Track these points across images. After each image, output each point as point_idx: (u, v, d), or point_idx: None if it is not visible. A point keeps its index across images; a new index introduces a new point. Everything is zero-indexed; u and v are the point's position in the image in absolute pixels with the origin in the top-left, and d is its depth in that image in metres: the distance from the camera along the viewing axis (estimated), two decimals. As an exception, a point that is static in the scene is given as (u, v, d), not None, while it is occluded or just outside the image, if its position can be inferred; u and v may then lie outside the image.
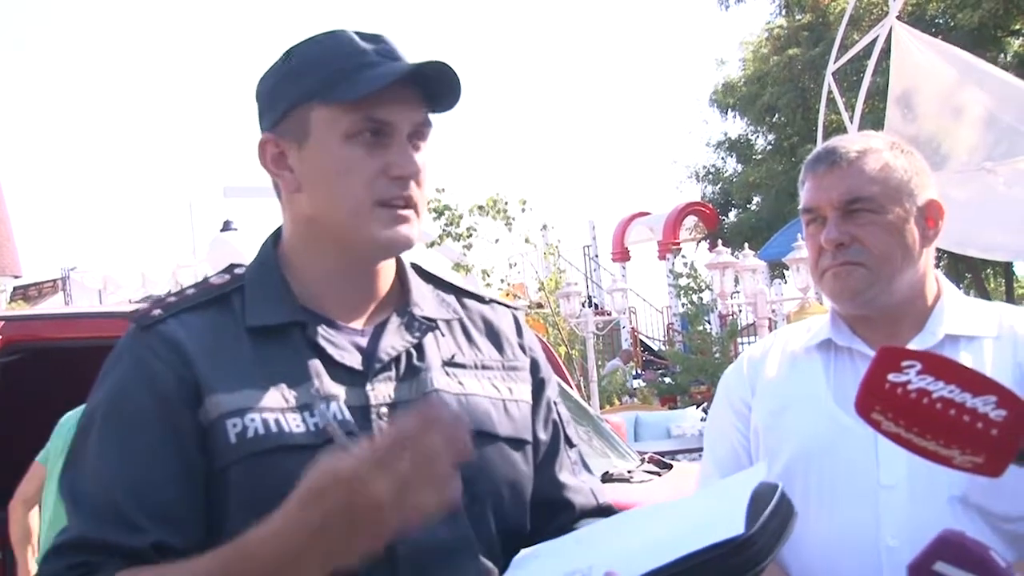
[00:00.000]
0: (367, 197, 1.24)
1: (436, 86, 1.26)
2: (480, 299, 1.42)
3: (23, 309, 16.21)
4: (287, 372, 1.22)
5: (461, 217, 12.64)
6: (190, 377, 1.20)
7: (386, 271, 1.33)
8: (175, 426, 1.19)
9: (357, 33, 1.28)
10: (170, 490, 1.18)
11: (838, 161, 1.57)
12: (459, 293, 1.41)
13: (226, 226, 14.55)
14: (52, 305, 19.83)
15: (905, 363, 1.16)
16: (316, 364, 1.23)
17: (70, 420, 3.42)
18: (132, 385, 1.22)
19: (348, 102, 1.23)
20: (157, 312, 1.26)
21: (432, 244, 13.24)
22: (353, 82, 1.23)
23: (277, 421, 1.19)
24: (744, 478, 1.17)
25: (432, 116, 1.29)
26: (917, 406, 1.15)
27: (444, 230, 12.70)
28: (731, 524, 1.05)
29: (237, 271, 1.32)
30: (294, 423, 1.19)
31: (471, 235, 12.73)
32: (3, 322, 4.02)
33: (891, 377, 1.16)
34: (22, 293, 25.02)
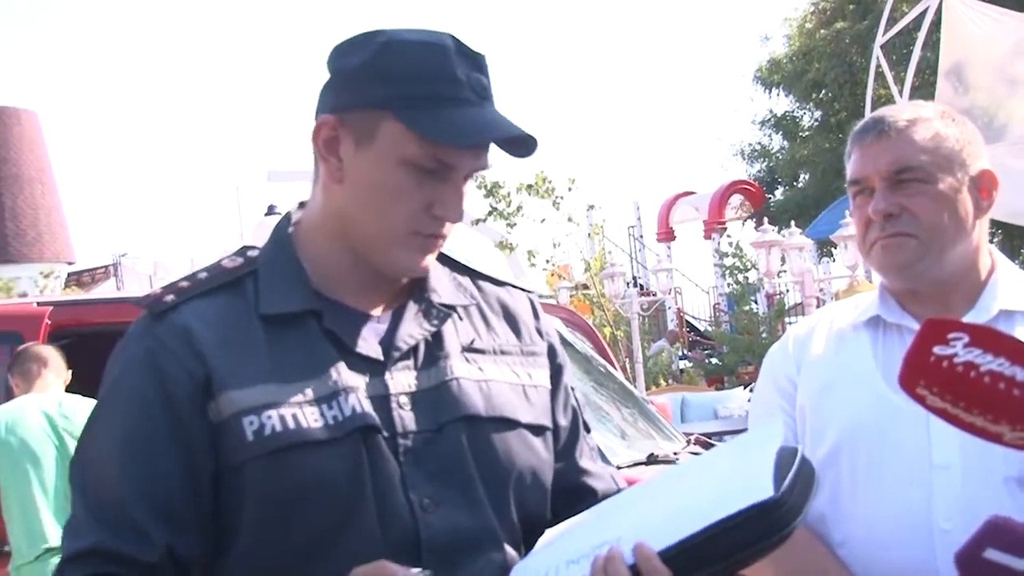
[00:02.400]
0: (403, 225, 1.22)
1: (512, 140, 1.22)
2: (495, 282, 1.40)
3: (76, 294, 16.51)
4: (303, 363, 1.20)
5: (509, 195, 12.58)
6: (201, 373, 1.18)
7: None
8: (182, 427, 1.18)
9: (456, 45, 1.21)
10: (176, 492, 1.17)
11: (886, 130, 1.52)
12: (474, 276, 1.38)
13: (270, 210, 14.69)
14: (104, 291, 20.19)
15: (952, 335, 1.13)
16: (333, 354, 1.21)
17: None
18: (140, 380, 1.20)
19: (422, 136, 1.18)
20: (169, 298, 1.24)
21: (476, 222, 13.23)
22: (439, 121, 1.17)
23: (295, 416, 1.17)
24: (760, 438, 1.15)
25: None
26: (964, 380, 1.12)
27: (492, 208, 12.65)
28: (760, 487, 1.04)
29: (250, 254, 1.29)
30: (312, 418, 1.17)
31: (518, 214, 12.67)
32: (52, 307, 4.09)
33: (937, 350, 1.12)
34: (76, 279, 25.53)
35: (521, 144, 1.22)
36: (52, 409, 3.60)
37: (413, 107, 1.19)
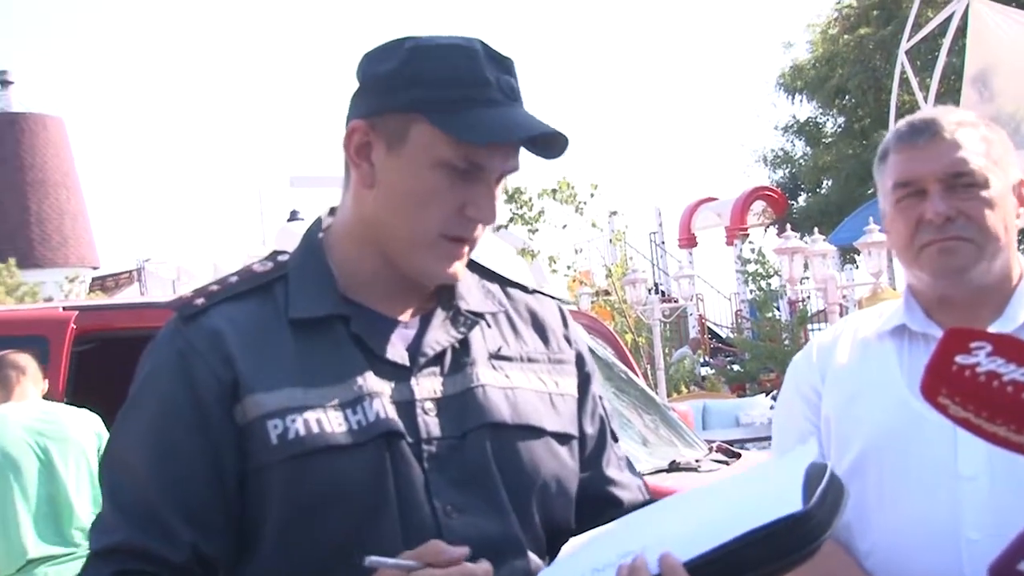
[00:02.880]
0: (435, 228, 1.22)
1: (542, 140, 1.22)
2: (525, 289, 1.39)
3: (101, 299, 16.64)
4: (330, 367, 1.21)
5: (530, 201, 12.57)
6: (229, 376, 1.19)
7: None
8: (209, 429, 1.19)
9: (484, 49, 1.22)
10: (203, 493, 1.18)
11: (940, 132, 1.49)
12: (504, 283, 1.38)
13: (292, 216, 14.78)
14: (128, 295, 20.34)
15: (974, 344, 1.11)
16: (360, 359, 1.22)
17: None
18: (169, 382, 1.21)
19: (454, 136, 1.19)
20: (199, 301, 1.25)
21: (498, 228, 13.23)
22: (470, 121, 1.18)
23: (319, 421, 1.17)
24: (794, 457, 1.14)
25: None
26: (987, 389, 1.10)
27: (514, 213, 12.65)
28: (789, 501, 1.04)
29: (280, 259, 1.30)
30: (336, 422, 1.18)
31: (540, 219, 12.66)
32: (78, 311, 4.12)
33: (959, 359, 1.11)
34: (100, 284, 25.75)
35: (551, 144, 1.23)
36: (33, 418, 3.54)
37: (444, 109, 1.19)
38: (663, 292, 17.61)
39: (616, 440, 1.39)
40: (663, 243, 21.03)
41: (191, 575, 1.17)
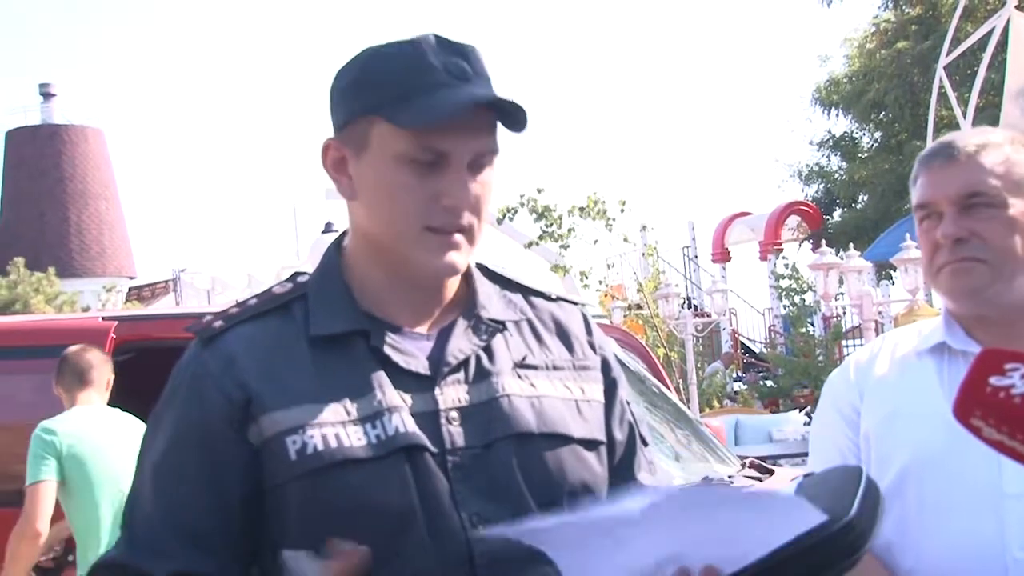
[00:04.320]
0: (416, 222, 1.22)
1: (506, 111, 1.22)
2: (547, 297, 1.39)
3: (137, 309, 16.84)
4: (349, 383, 1.22)
5: (561, 218, 12.60)
6: (241, 397, 1.21)
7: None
8: (214, 450, 1.21)
9: (438, 40, 1.23)
10: (203, 520, 1.20)
11: (955, 155, 1.51)
12: (526, 292, 1.38)
13: (327, 228, 14.87)
14: (164, 305, 20.56)
15: (1008, 366, 1.10)
16: (380, 374, 1.23)
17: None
18: (181, 405, 1.25)
19: (400, 126, 1.20)
20: (218, 324, 1.27)
21: (530, 244, 13.24)
22: (414, 107, 1.19)
23: (337, 436, 1.18)
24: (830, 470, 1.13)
25: (529, 113, 1.24)
26: (1022, 412, 1.09)
27: (544, 231, 12.68)
28: (829, 511, 1.03)
29: (300, 279, 1.32)
30: (355, 436, 1.18)
31: (571, 235, 12.68)
32: (117, 322, 4.18)
33: (993, 380, 1.10)
34: (136, 294, 26.07)
35: (509, 116, 1.22)
36: (103, 424, 3.59)
37: (392, 106, 1.20)
38: (696, 307, 17.53)
39: (646, 444, 1.39)
40: (696, 257, 20.94)
41: None
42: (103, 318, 4.43)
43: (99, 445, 3.52)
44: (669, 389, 5.20)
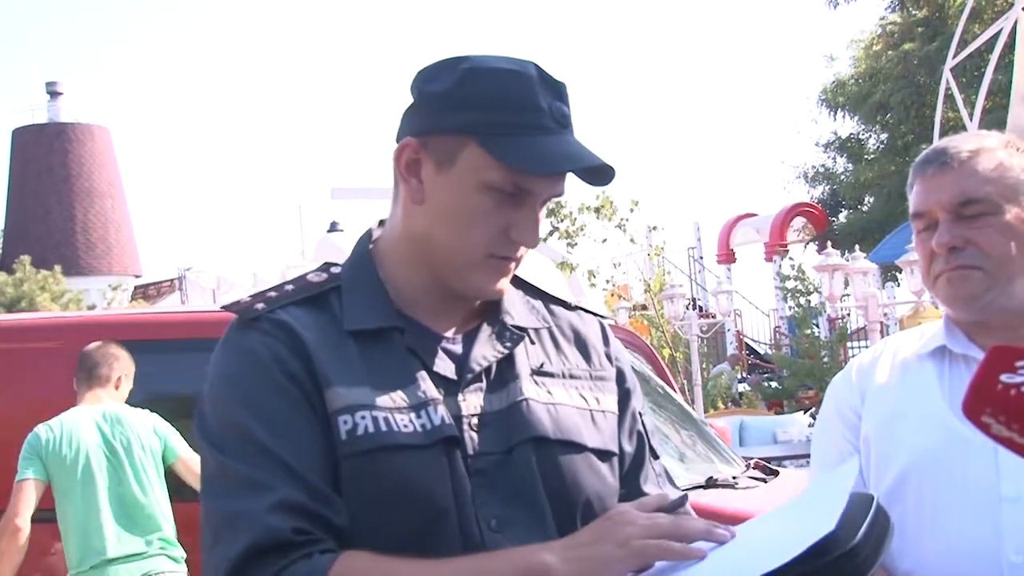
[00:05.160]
0: (482, 248, 1.24)
1: (590, 169, 1.23)
2: (567, 306, 1.40)
3: (143, 307, 16.87)
4: (393, 372, 1.22)
5: (571, 215, 12.58)
6: (308, 366, 1.20)
7: None
8: (312, 405, 1.18)
9: (539, 73, 1.23)
10: (328, 473, 1.17)
11: (948, 162, 1.51)
12: (547, 299, 1.39)
13: (333, 227, 14.88)
14: (169, 304, 20.60)
15: (1019, 363, 1.10)
16: (419, 367, 1.23)
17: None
18: (257, 371, 1.20)
19: (504, 164, 1.20)
20: (260, 306, 1.26)
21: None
22: (521, 149, 1.19)
23: (387, 420, 1.18)
24: (835, 479, 1.13)
25: None
26: None
27: (554, 227, 12.66)
28: (824, 523, 1.03)
29: (333, 270, 1.32)
30: (403, 423, 1.18)
31: (580, 233, 12.67)
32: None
33: (1004, 378, 1.10)
34: (142, 292, 26.11)
35: (598, 173, 1.24)
36: (100, 417, 3.58)
37: (495, 134, 1.20)
38: (701, 307, 17.51)
39: (656, 457, 1.39)
40: (701, 258, 20.94)
41: (343, 543, 1.14)
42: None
43: (87, 445, 3.52)
44: (674, 390, 5.20)
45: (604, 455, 1.29)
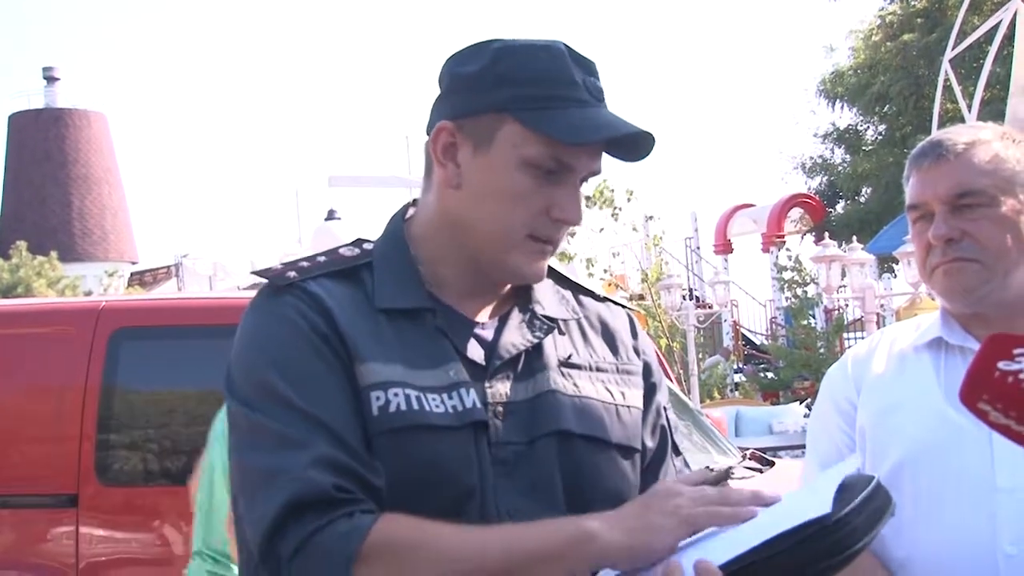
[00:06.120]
0: (523, 229, 1.22)
1: (629, 141, 1.23)
2: (596, 297, 1.39)
3: (139, 293, 16.85)
4: (425, 352, 1.21)
5: None
6: (339, 338, 1.18)
7: None
8: (345, 371, 1.17)
9: (569, 50, 1.23)
10: (363, 439, 1.15)
11: (944, 154, 1.50)
12: (576, 290, 1.38)
13: (330, 215, 14.88)
14: (165, 291, 20.58)
15: (1017, 351, 1.10)
16: (450, 349, 1.22)
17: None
18: (294, 334, 1.18)
19: (545, 135, 1.19)
20: (292, 274, 1.24)
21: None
22: (561, 120, 1.19)
23: (419, 399, 1.17)
24: (836, 472, 1.14)
25: None
26: None
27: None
28: (819, 506, 1.04)
29: (366, 246, 1.30)
30: (434, 403, 1.17)
31: (579, 222, 12.65)
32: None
33: (1001, 365, 1.10)
34: (138, 279, 26.07)
35: (636, 146, 1.23)
36: None
37: (534, 108, 1.19)
38: (698, 298, 17.54)
39: (679, 453, 1.37)
40: (698, 248, 20.94)
41: (380, 504, 1.12)
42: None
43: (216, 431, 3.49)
44: (671, 380, 5.21)
45: (627, 451, 1.28)
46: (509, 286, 1.30)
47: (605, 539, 1.07)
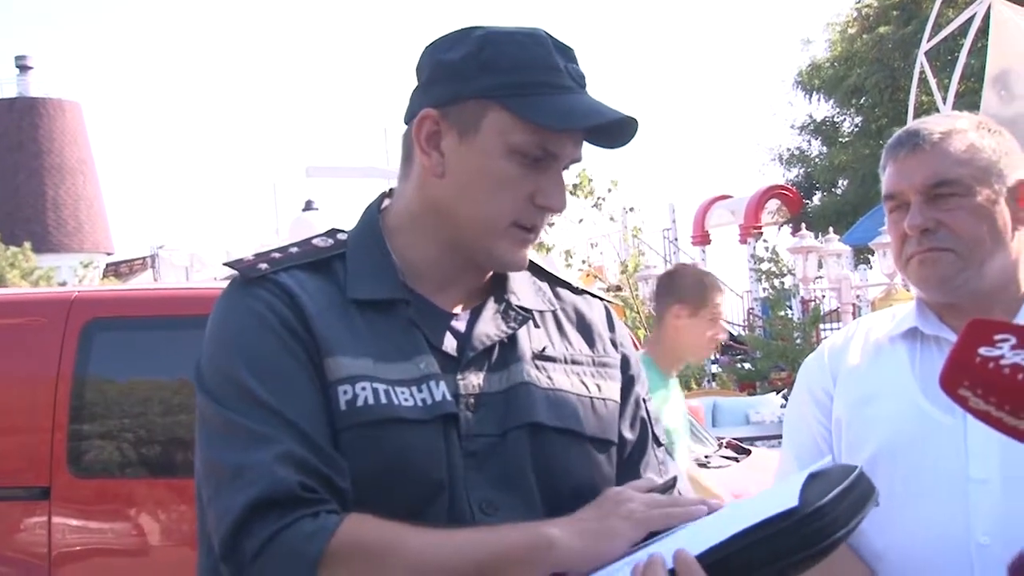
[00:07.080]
0: (508, 216, 1.22)
1: (613, 127, 1.22)
2: (573, 290, 1.38)
3: (115, 284, 16.73)
4: (395, 345, 1.20)
5: None
6: (308, 332, 1.17)
7: None
8: (314, 366, 1.16)
9: (551, 38, 1.23)
10: (330, 437, 1.14)
11: (920, 144, 1.50)
12: (553, 281, 1.37)
13: (307, 206, 14.79)
14: (141, 282, 20.44)
15: (998, 336, 1.09)
16: (421, 342, 1.21)
17: None
18: (261, 329, 1.17)
19: (532, 122, 1.18)
20: (263, 266, 1.23)
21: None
22: (547, 107, 1.18)
23: (388, 392, 1.16)
24: (808, 472, 1.14)
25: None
26: (1011, 383, 1.09)
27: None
28: (789, 500, 1.04)
29: (339, 236, 1.29)
30: (403, 397, 1.16)
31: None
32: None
33: (982, 351, 1.09)
34: (114, 270, 25.88)
35: (619, 134, 1.23)
36: None
37: (520, 95, 1.19)
38: (675, 289, 17.54)
39: (659, 444, 1.36)
40: (676, 240, 21.02)
41: (345, 507, 1.12)
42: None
43: None
44: (647, 370, 5.20)
45: (602, 444, 1.27)
46: (486, 277, 1.29)
47: (564, 545, 1.09)
